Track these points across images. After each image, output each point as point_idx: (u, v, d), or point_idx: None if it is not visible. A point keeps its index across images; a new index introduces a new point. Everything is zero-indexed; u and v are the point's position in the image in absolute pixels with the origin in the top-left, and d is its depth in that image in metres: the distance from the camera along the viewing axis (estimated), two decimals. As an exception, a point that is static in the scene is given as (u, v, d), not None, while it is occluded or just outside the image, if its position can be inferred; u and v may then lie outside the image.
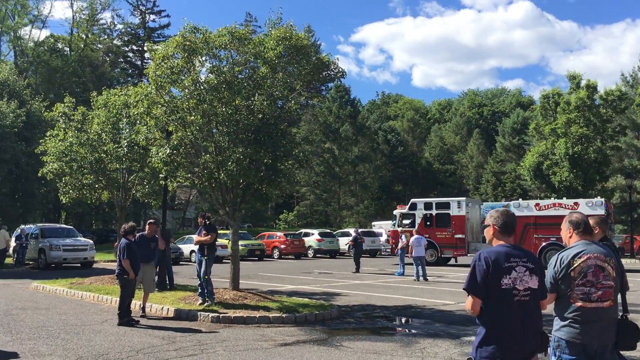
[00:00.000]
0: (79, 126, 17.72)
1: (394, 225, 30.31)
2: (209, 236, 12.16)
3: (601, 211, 26.10)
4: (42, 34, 59.96)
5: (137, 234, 11.77)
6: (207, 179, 12.55)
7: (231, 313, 11.10)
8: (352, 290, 16.97)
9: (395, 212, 31.04)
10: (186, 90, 12.45)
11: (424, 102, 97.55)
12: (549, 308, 4.18)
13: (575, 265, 4.25)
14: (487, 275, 3.68)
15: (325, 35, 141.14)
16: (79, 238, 26.99)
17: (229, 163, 11.97)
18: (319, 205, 60.36)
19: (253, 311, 11.29)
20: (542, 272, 3.86)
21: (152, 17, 63.51)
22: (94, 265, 26.03)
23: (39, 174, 18.85)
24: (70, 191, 18.06)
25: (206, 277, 12.02)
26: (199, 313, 11.27)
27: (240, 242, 29.89)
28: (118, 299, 10.94)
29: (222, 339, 9.36)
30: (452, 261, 29.68)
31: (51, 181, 19.62)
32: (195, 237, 12.84)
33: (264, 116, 12.29)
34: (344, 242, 35.50)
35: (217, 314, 11.04)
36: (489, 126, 76.18)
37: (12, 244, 25.80)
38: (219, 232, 28.41)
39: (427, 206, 29.42)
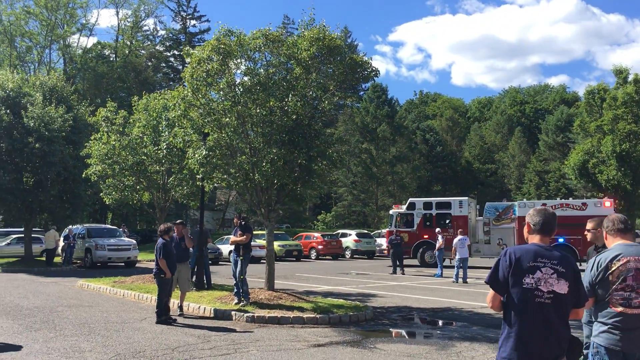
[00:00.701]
0: (121, 129, 18.20)
1: (389, 225, 29.46)
2: (245, 236, 12.32)
3: (611, 212, 25.47)
4: (89, 42, 61.56)
5: None
6: (242, 180, 12.71)
7: (266, 313, 11.21)
8: (388, 291, 16.89)
9: (391, 211, 30.11)
10: (221, 92, 12.64)
11: (463, 100, 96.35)
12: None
13: (613, 269, 4.08)
14: (508, 271, 3.61)
15: (363, 35, 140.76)
16: (122, 238, 27.73)
17: (264, 164, 12.09)
18: (356, 205, 60.22)
19: (287, 311, 11.37)
20: (577, 278, 3.66)
21: (193, 22, 64.62)
22: (137, 265, 26.66)
23: (84, 176, 19.44)
24: (113, 192, 18.59)
25: (241, 277, 12.17)
26: (234, 313, 11.42)
27: (278, 243, 30.34)
28: (156, 297, 11.19)
29: (255, 338, 9.47)
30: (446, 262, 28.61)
31: (95, 183, 20.18)
32: (231, 237, 13.01)
33: (297, 117, 12.36)
34: (381, 243, 35.30)
35: (252, 314, 11.17)
36: (531, 124, 74.65)
37: (61, 243, 26.71)
38: (256, 232, 28.77)
39: (427, 206, 28.61)
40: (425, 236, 27.82)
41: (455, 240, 20.36)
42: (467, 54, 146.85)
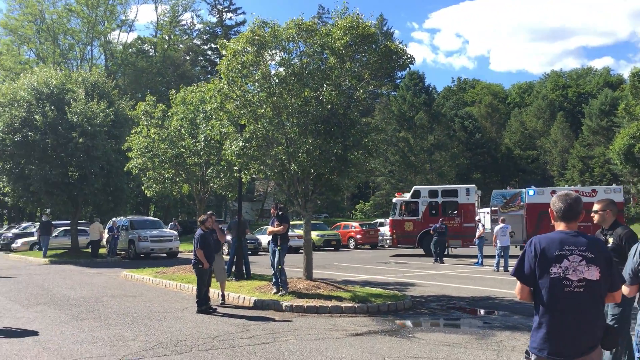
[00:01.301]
0: (160, 123, 18.50)
1: (392, 214, 28.69)
2: (282, 227, 12.40)
3: (619, 198, 25.32)
4: (129, 37, 62.87)
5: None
6: (278, 171, 12.78)
7: (304, 302, 11.28)
8: (427, 280, 16.78)
9: (394, 200, 29.20)
10: (256, 83, 12.71)
11: (502, 86, 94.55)
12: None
13: None
14: (534, 262, 3.52)
15: (399, 23, 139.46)
16: (164, 229, 28.31)
17: (300, 154, 12.12)
18: (394, 194, 59.92)
19: (326, 301, 11.42)
20: (608, 262, 3.53)
21: (229, 15, 65.16)
22: (179, 255, 27.17)
23: (125, 169, 19.87)
24: (154, 185, 18.94)
25: (280, 267, 12.27)
26: (273, 302, 11.53)
27: (316, 233, 30.44)
28: (196, 287, 11.39)
29: (294, 327, 9.55)
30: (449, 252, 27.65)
31: (137, 176, 20.60)
32: (268, 227, 13.11)
33: (333, 106, 12.34)
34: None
35: (290, 304, 11.25)
36: (574, 108, 72.73)
37: (105, 235, 27.44)
38: (294, 222, 28.90)
39: (432, 194, 27.88)
40: (431, 225, 26.71)
41: (497, 228, 20.04)
42: (507, 38, 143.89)
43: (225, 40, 13.51)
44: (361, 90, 13.05)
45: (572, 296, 3.45)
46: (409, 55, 13.07)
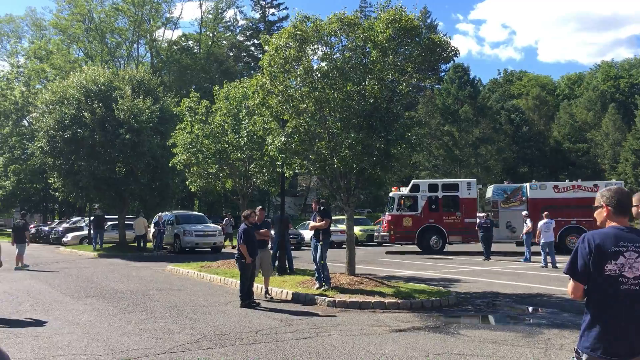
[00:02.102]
0: (204, 119, 18.73)
1: (390, 209, 27.16)
2: (324, 222, 12.37)
3: None
4: (174, 35, 63.76)
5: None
6: (321, 166, 12.75)
7: (347, 298, 11.23)
8: (473, 276, 16.50)
9: (391, 194, 27.39)
10: (299, 78, 12.69)
11: (551, 77, 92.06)
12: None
13: None
14: (589, 259, 3.36)
15: (443, 14, 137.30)
16: (209, 224, 28.73)
17: (342, 149, 12.06)
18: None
19: (368, 296, 11.34)
20: None
21: (272, 10, 65.51)
22: (223, 250, 27.52)
23: (170, 165, 20.21)
24: (198, 180, 19.22)
25: (322, 262, 12.25)
26: (315, 297, 11.53)
27: (359, 228, 30.31)
28: (239, 282, 11.47)
29: (337, 323, 9.51)
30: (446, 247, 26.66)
31: (181, 171, 20.93)
32: (310, 222, 13.10)
33: (375, 100, 12.22)
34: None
35: (333, 299, 11.22)
36: (626, 100, 70.24)
37: (152, 230, 28.04)
38: (337, 217, 28.78)
39: (432, 188, 26.38)
40: (431, 220, 26.05)
41: (541, 223, 19.55)
42: (555, 28, 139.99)
43: (267, 36, 13.53)
44: (404, 84, 12.88)
45: (628, 294, 3.31)
46: (453, 48, 12.83)
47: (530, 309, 11.44)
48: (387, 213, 27.77)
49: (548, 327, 9.28)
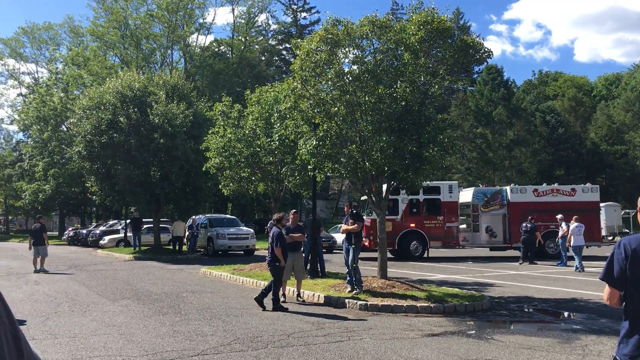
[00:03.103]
0: (236, 123, 18.91)
1: (369, 213, 24.53)
2: (356, 225, 12.36)
3: (596, 197, 24.82)
4: (207, 40, 64.65)
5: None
6: (352, 169, 12.73)
7: (379, 301, 11.19)
8: (507, 280, 16.25)
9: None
10: (330, 82, 12.71)
11: (587, 78, 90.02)
12: None
13: None
14: (625, 265, 3.28)
15: (476, 15, 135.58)
16: (241, 227, 28.97)
17: (373, 152, 12.03)
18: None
19: (400, 300, 11.27)
20: None
21: (303, 14, 65.72)
22: (255, 253, 27.70)
23: (204, 169, 20.45)
24: (231, 184, 19.41)
25: (354, 265, 12.23)
26: (347, 300, 11.51)
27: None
28: (272, 285, 11.51)
29: (368, 326, 9.48)
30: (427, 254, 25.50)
31: (214, 175, 21.15)
32: (342, 226, 13.09)
33: (407, 103, 12.15)
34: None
35: (365, 302, 11.19)
36: (667, 100, 68.20)
37: (185, 233, 28.44)
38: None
39: (414, 191, 24.85)
40: (412, 225, 24.73)
41: (572, 226, 19.35)
42: (592, 27, 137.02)
43: (299, 40, 13.60)
44: (436, 86, 12.79)
45: None
46: (486, 49, 12.69)
47: (566, 314, 11.21)
48: (365, 217, 26.97)
49: (585, 333, 9.08)
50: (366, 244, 24.14)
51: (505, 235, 25.12)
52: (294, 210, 13.25)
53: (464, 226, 25.98)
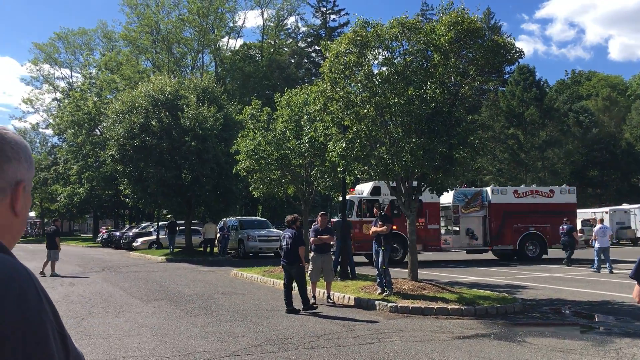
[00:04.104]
0: (266, 125, 19.04)
1: (348, 215, 23.73)
2: (385, 227, 12.34)
3: (574, 198, 24.50)
4: (237, 43, 65.08)
5: (313, 226, 12.37)
6: (382, 171, 12.71)
7: (409, 303, 11.15)
8: (540, 283, 16.01)
9: (349, 197, 23.50)
10: (359, 84, 12.72)
11: (622, 77, 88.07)
12: None
13: None
14: None
15: (507, 15, 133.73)
16: (272, 229, 29.14)
17: (403, 154, 11.99)
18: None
19: (431, 302, 11.21)
20: None
21: (332, 16, 65.79)
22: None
23: (234, 172, 20.63)
24: (260, 186, 19.53)
25: (384, 267, 12.21)
26: (377, 302, 11.49)
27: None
28: (300, 287, 11.51)
29: (399, 328, 9.46)
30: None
31: (244, 178, 21.32)
32: (372, 228, 13.09)
33: (437, 104, 12.09)
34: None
35: (395, 304, 11.16)
36: None
37: (217, 235, 28.74)
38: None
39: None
40: (393, 227, 23.74)
41: (596, 228, 19.17)
42: (627, 25, 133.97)
43: (328, 42, 13.65)
44: (467, 87, 12.70)
45: None
46: (517, 49, 12.55)
47: (600, 316, 11.00)
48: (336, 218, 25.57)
49: (619, 336, 8.91)
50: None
51: (486, 237, 24.41)
52: (322, 213, 13.26)
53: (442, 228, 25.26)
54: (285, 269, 11.63)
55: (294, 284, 11.53)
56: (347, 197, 24.01)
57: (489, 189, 25.36)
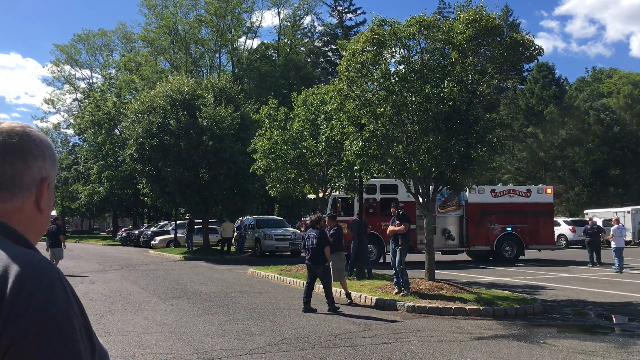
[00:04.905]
0: (282, 125, 19.07)
1: (310, 213, 22.46)
2: (403, 226, 12.27)
3: (550, 198, 24.07)
4: (254, 43, 65.30)
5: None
6: (399, 170, 12.64)
7: (426, 303, 11.07)
8: (560, 283, 15.81)
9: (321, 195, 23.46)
10: (376, 82, 12.66)
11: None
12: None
13: None
14: None
15: (526, 12, 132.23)
16: (288, 228, 29.17)
17: (420, 153, 11.91)
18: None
19: (449, 302, 11.12)
20: None
21: (349, 15, 65.70)
22: (302, 254, 27.79)
23: (251, 171, 20.68)
24: (277, 185, 19.58)
25: (401, 267, 12.15)
26: (394, 302, 11.43)
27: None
28: (327, 287, 11.48)
29: (416, 328, 9.40)
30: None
31: (261, 176, 21.38)
32: (389, 227, 13.02)
33: (454, 103, 11.97)
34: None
35: (413, 304, 11.09)
36: None
37: (234, 234, 28.86)
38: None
39: (370, 189, 22.20)
40: (369, 226, 22.91)
41: (614, 228, 18.91)
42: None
43: (344, 41, 13.61)
44: (485, 85, 12.57)
45: None
46: (536, 47, 12.40)
47: (622, 318, 10.83)
48: (303, 219, 24.30)
49: (643, 338, 8.76)
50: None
51: (462, 237, 23.64)
52: (330, 214, 13.24)
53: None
54: (311, 269, 11.60)
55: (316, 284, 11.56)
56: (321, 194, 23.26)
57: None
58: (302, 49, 66.33)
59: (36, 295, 1.14)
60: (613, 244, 18.70)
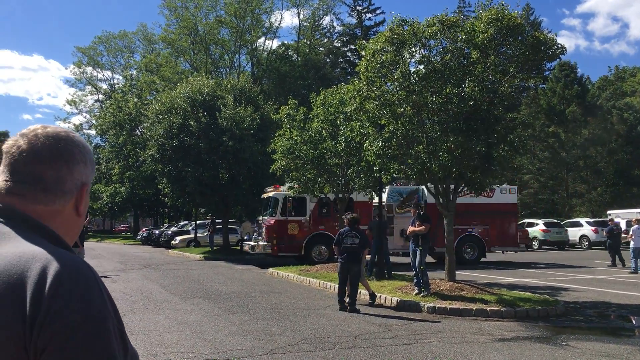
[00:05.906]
0: (302, 125, 19.08)
1: (270, 214, 22.69)
2: (423, 226, 12.21)
3: (514, 199, 23.44)
4: (273, 44, 65.61)
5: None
6: (419, 170, 12.58)
7: (447, 304, 11.01)
8: (582, 285, 15.61)
9: (273, 194, 22.72)
10: (396, 82, 12.60)
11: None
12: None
13: None
14: None
15: (547, 10, 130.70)
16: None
17: (441, 153, 11.85)
18: (544, 193, 56.52)
19: (470, 303, 11.05)
20: None
21: (368, 15, 65.57)
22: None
23: (270, 171, 20.73)
24: (296, 185, 19.59)
25: (421, 267, 12.09)
26: (414, 303, 11.39)
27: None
28: (355, 287, 11.50)
29: (437, 329, 9.35)
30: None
31: (281, 177, 21.40)
32: (409, 227, 12.97)
33: (475, 102, 11.88)
34: (573, 233, 32.72)
35: (433, 305, 11.04)
36: None
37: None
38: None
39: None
40: (321, 227, 22.19)
41: (633, 228, 18.73)
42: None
43: (364, 41, 13.57)
44: (506, 85, 12.44)
45: None
46: (559, 45, 12.25)
47: (647, 321, 10.66)
48: (267, 217, 23.19)
49: (669, 341, 8.62)
50: (268, 249, 22.43)
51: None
52: (349, 213, 13.20)
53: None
54: (345, 268, 11.49)
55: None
56: (271, 194, 22.82)
57: (423, 187, 23.88)
58: (321, 49, 66.38)
59: (74, 296, 1.16)
60: (632, 244, 18.49)
